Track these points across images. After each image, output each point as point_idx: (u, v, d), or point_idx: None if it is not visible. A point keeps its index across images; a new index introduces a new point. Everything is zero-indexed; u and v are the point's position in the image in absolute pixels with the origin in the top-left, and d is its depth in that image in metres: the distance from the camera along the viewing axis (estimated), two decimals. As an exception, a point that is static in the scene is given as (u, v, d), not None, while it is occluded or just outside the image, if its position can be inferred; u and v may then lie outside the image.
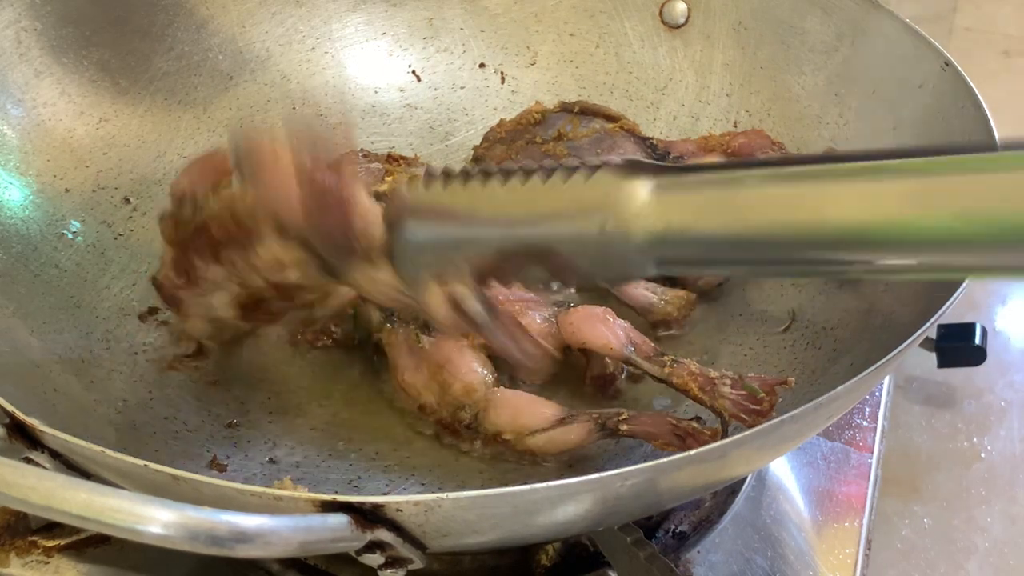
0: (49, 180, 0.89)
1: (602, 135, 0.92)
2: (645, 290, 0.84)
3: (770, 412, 0.69)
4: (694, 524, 0.77)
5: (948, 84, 0.81)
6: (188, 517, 0.45)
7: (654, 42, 1.03)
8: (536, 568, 0.73)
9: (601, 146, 0.91)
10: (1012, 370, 0.99)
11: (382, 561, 0.54)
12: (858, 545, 0.77)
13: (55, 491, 0.45)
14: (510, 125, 0.96)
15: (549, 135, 0.93)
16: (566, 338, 0.77)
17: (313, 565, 0.73)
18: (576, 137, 0.92)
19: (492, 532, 0.58)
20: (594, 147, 0.91)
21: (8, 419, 0.59)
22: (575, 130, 0.93)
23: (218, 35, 1.01)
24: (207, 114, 1.00)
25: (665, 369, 0.73)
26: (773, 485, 0.81)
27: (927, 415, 0.95)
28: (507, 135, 0.95)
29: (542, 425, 0.72)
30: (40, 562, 0.75)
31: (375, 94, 1.05)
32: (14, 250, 0.83)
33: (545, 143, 0.93)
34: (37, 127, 0.90)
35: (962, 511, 0.87)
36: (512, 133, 0.95)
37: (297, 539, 0.48)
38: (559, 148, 0.92)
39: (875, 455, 0.84)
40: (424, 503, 0.51)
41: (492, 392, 0.76)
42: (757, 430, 0.57)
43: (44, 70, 0.91)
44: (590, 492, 0.55)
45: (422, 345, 0.78)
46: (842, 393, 0.58)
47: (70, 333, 0.81)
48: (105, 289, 0.87)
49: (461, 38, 1.06)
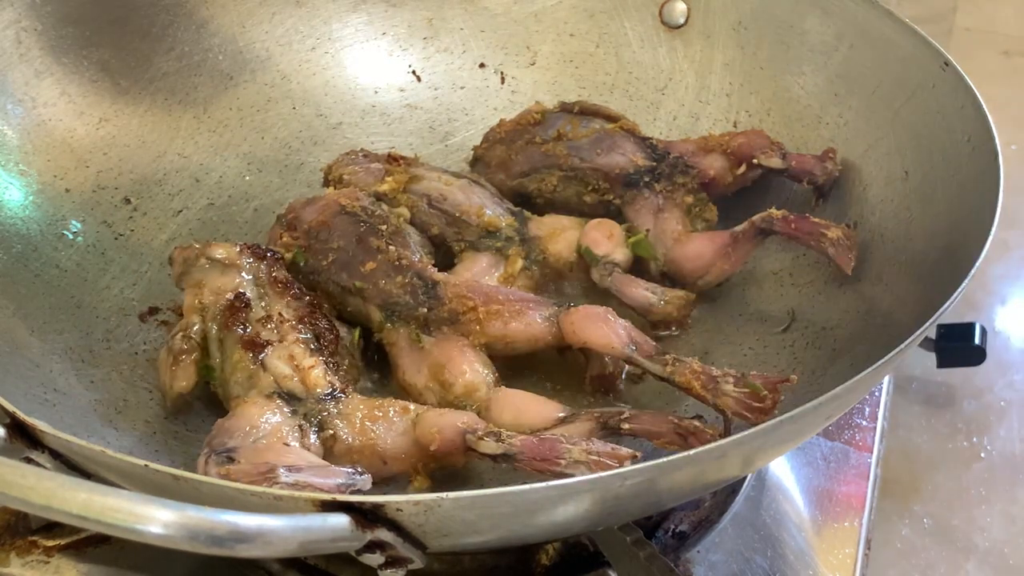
0: (49, 180, 0.89)
1: (602, 135, 0.92)
2: (645, 290, 0.84)
3: (773, 410, 0.69)
4: (694, 524, 0.77)
5: (948, 84, 0.81)
6: (188, 517, 0.45)
7: (654, 42, 1.03)
8: (536, 568, 0.73)
9: (601, 146, 0.92)
10: (1012, 370, 0.99)
11: (382, 561, 0.54)
12: (858, 545, 0.77)
13: (55, 491, 0.45)
14: (510, 125, 0.96)
15: (549, 135, 0.93)
16: (567, 338, 0.77)
17: (313, 565, 0.73)
18: (576, 137, 0.93)
19: (492, 532, 0.58)
20: (594, 147, 0.92)
21: (9, 419, 0.59)
22: (575, 130, 0.93)
23: (218, 35, 1.01)
24: (207, 114, 1.00)
25: (667, 368, 0.73)
26: (773, 485, 0.81)
27: (927, 415, 0.95)
28: (507, 135, 0.95)
29: (544, 424, 0.72)
30: (40, 562, 0.75)
31: (375, 94, 1.05)
32: (14, 250, 0.83)
33: (545, 143, 0.93)
34: (37, 127, 0.90)
35: (962, 511, 0.87)
36: (512, 133, 0.95)
37: (297, 539, 0.48)
38: (559, 148, 0.92)
39: (875, 455, 0.84)
40: (424, 503, 0.51)
41: (494, 392, 0.76)
42: (757, 430, 0.57)
43: (44, 70, 0.91)
44: (590, 492, 0.55)
45: (422, 345, 0.78)
46: (842, 393, 0.58)
47: (70, 333, 0.81)
48: (105, 289, 0.87)
49: (461, 38, 1.06)
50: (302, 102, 1.03)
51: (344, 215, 0.85)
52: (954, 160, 0.79)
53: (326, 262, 0.83)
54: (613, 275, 0.85)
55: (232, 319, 0.76)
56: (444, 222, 0.88)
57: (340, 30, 1.05)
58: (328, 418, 0.72)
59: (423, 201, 0.89)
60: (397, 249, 0.82)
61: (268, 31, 1.03)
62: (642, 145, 0.91)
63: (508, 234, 0.87)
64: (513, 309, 0.78)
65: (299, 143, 1.02)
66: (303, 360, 0.74)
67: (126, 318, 0.86)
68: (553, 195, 0.92)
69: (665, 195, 0.89)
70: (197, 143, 0.98)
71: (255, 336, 0.75)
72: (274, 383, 0.73)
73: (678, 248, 0.87)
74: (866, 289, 0.81)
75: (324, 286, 0.83)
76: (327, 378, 0.74)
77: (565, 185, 0.92)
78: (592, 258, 0.86)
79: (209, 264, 0.80)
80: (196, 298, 0.79)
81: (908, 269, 0.79)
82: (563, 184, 0.92)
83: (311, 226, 0.85)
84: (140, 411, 0.78)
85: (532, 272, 0.86)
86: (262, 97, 1.02)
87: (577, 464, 0.65)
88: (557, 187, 0.92)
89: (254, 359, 0.74)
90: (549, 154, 0.92)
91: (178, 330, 0.78)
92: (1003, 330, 1.03)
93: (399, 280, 0.80)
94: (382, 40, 1.06)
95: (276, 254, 0.82)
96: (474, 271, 0.85)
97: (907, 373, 0.98)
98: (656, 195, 0.89)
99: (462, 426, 0.69)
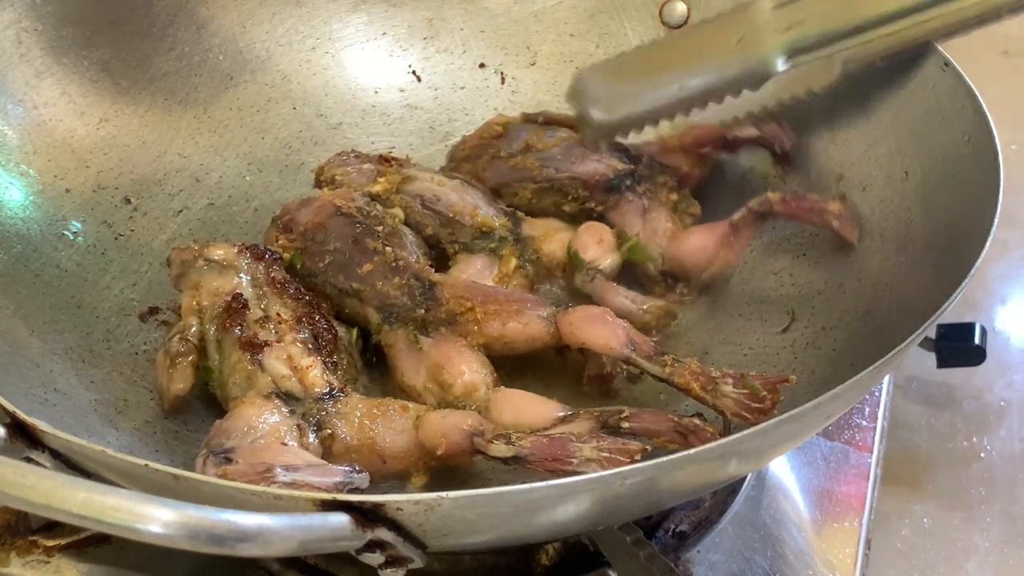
0: (50, 180, 0.89)
1: (572, 144, 0.92)
2: (624, 298, 0.84)
3: (772, 410, 0.69)
4: (694, 524, 0.77)
5: (948, 84, 0.81)
6: (188, 516, 0.45)
7: (654, 42, 1.02)
8: (536, 568, 0.73)
9: (574, 154, 0.91)
10: (1012, 370, 0.99)
11: (382, 560, 0.54)
12: (858, 545, 0.77)
13: (55, 490, 0.45)
14: (473, 141, 0.95)
15: (515, 148, 0.92)
16: (565, 338, 0.77)
17: (313, 565, 0.73)
18: (545, 148, 0.92)
19: (492, 531, 0.58)
20: (567, 156, 0.91)
21: (9, 419, 0.59)
22: (542, 141, 0.92)
23: (218, 35, 1.01)
24: (207, 114, 1.00)
25: (666, 368, 0.73)
26: (773, 485, 0.81)
27: (927, 415, 0.95)
28: (472, 152, 0.94)
29: (544, 424, 0.72)
30: (40, 561, 0.75)
31: (375, 94, 1.05)
32: (15, 250, 0.83)
33: (512, 157, 0.92)
34: (38, 127, 0.90)
35: (962, 511, 0.87)
36: (476, 149, 0.94)
37: (297, 538, 0.48)
38: (529, 160, 0.91)
39: (875, 455, 0.84)
40: (424, 502, 0.51)
41: (493, 392, 0.76)
42: (757, 429, 0.57)
43: (45, 70, 0.91)
44: (590, 492, 0.55)
45: (421, 346, 0.78)
46: (842, 393, 0.58)
47: (71, 333, 0.81)
48: (105, 289, 0.87)
49: (461, 38, 1.06)
50: (302, 102, 1.03)
51: (340, 216, 0.85)
52: (954, 160, 0.79)
53: (323, 264, 0.83)
54: (595, 281, 0.85)
55: (230, 320, 0.76)
56: (438, 223, 0.88)
57: (340, 30, 1.05)
58: (326, 418, 0.72)
59: (416, 202, 0.89)
60: (394, 250, 0.82)
61: (268, 31, 1.03)
62: (614, 150, 0.91)
63: (502, 234, 0.87)
64: (511, 309, 0.78)
65: (299, 143, 1.02)
66: (301, 360, 0.74)
67: (126, 318, 0.86)
68: (529, 207, 0.91)
69: (649, 196, 0.89)
70: (197, 143, 0.98)
71: (253, 336, 0.75)
72: (272, 383, 0.73)
73: (677, 244, 0.87)
74: (866, 289, 0.81)
75: (321, 288, 0.83)
76: (325, 378, 0.74)
77: (540, 197, 0.91)
78: (578, 262, 0.86)
79: (207, 265, 0.80)
80: (194, 300, 0.79)
81: (908, 269, 0.79)
82: (538, 196, 0.91)
83: (307, 228, 0.85)
84: (140, 411, 0.78)
85: (526, 271, 0.86)
86: (262, 97, 1.02)
87: (589, 462, 0.64)
88: (532, 199, 0.91)
89: (252, 359, 0.74)
90: (519, 167, 0.91)
91: (175, 332, 0.78)
92: (1003, 330, 1.03)
93: (396, 281, 0.80)
94: (382, 40, 1.06)
95: (274, 254, 0.82)
96: (469, 273, 0.85)
97: (907, 373, 0.98)
98: (640, 197, 0.89)
99: (468, 429, 0.69)
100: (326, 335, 0.77)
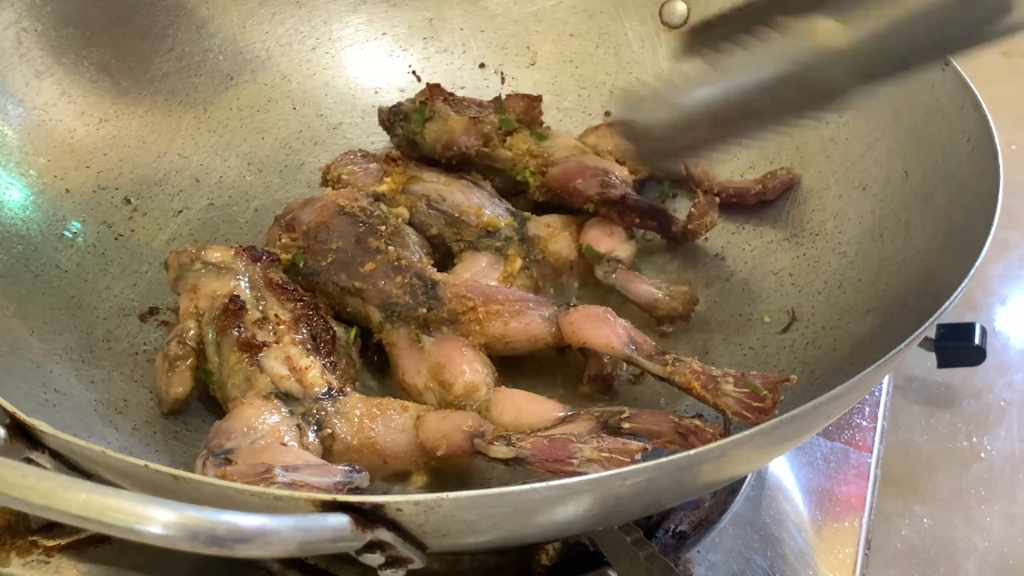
0: (50, 180, 0.89)
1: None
2: (650, 286, 0.84)
3: (773, 409, 0.69)
4: (694, 524, 0.77)
5: (948, 84, 0.81)
6: (188, 517, 0.45)
7: (654, 42, 1.03)
8: (536, 568, 0.73)
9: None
10: (1012, 370, 0.99)
11: (382, 561, 0.54)
12: (858, 545, 0.77)
13: (55, 491, 0.45)
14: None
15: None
16: (566, 338, 0.77)
17: (313, 565, 0.73)
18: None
19: (492, 532, 0.58)
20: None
21: (9, 419, 0.59)
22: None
23: (218, 35, 1.01)
24: (207, 114, 1.00)
25: (667, 368, 0.73)
26: (773, 485, 0.81)
27: (927, 415, 0.95)
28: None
29: (544, 424, 0.72)
30: (40, 562, 0.75)
31: (375, 94, 1.05)
32: (15, 250, 0.83)
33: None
34: (38, 127, 0.90)
35: (962, 511, 0.87)
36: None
37: (297, 539, 0.48)
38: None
39: (875, 455, 0.84)
40: (424, 503, 0.51)
41: (494, 391, 0.76)
42: (757, 430, 0.57)
43: (45, 71, 0.91)
44: (590, 492, 0.55)
45: (422, 345, 0.78)
46: (842, 393, 0.58)
47: (71, 333, 0.81)
48: (105, 289, 0.87)
49: (461, 38, 1.06)
50: (302, 102, 1.03)
51: (343, 215, 0.85)
52: (954, 160, 0.79)
53: (325, 263, 0.83)
54: (618, 272, 0.85)
55: (228, 322, 0.76)
56: (443, 222, 0.88)
57: (340, 30, 1.05)
58: (326, 417, 0.72)
59: (422, 201, 0.89)
60: (396, 249, 0.82)
61: (268, 31, 1.03)
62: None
63: (507, 234, 0.87)
64: (513, 309, 0.78)
65: (299, 143, 1.02)
66: (300, 360, 0.74)
67: (126, 318, 0.86)
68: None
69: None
70: (197, 143, 0.98)
71: (251, 338, 0.75)
72: (271, 384, 0.73)
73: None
74: (866, 289, 0.81)
75: (323, 287, 0.83)
76: (324, 378, 0.74)
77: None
78: (595, 256, 0.86)
79: (204, 268, 0.80)
80: (192, 303, 0.79)
81: (908, 269, 0.79)
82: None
83: (310, 227, 0.85)
84: (140, 411, 0.78)
85: (531, 272, 0.86)
86: (262, 97, 1.02)
87: (590, 462, 0.64)
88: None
89: (251, 360, 0.74)
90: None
91: (173, 336, 0.78)
92: (1003, 330, 1.03)
93: (398, 280, 0.80)
94: (382, 40, 1.06)
95: (272, 255, 0.82)
96: (473, 271, 0.85)
97: (907, 373, 0.98)
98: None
99: (468, 430, 0.69)
100: (324, 335, 0.77)
